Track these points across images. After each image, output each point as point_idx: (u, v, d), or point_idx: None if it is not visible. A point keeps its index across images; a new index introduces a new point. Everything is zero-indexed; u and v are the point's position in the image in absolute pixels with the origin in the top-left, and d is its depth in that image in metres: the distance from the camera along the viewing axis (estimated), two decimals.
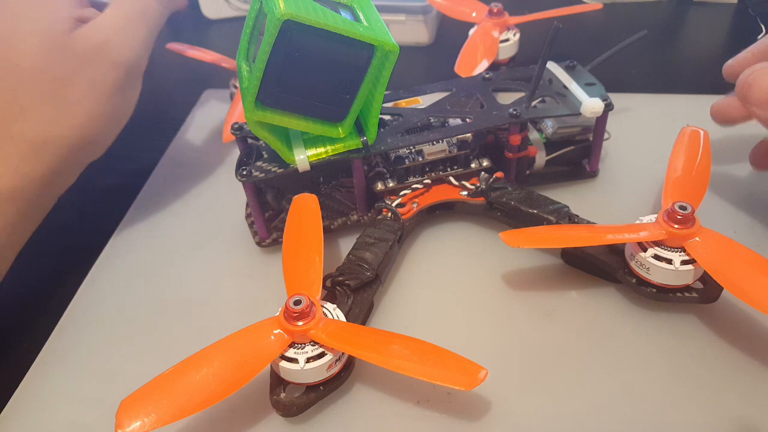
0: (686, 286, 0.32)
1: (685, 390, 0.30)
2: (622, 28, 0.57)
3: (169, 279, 0.38)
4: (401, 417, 0.30)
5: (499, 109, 0.37)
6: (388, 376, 0.30)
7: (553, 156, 0.40)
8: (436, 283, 0.36)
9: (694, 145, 0.36)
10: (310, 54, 0.30)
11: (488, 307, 0.34)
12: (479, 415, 0.30)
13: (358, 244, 0.35)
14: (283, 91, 0.31)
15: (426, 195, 0.38)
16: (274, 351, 0.28)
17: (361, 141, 0.34)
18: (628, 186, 0.41)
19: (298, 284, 0.30)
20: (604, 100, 0.37)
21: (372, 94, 0.33)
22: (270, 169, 0.35)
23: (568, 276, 0.36)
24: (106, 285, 0.38)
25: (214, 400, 0.27)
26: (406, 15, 0.56)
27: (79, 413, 0.31)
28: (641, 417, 0.29)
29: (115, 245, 0.40)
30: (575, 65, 0.40)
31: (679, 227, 0.31)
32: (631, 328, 0.33)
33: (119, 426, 0.26)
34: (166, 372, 0.28)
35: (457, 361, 0.28)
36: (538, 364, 0.32)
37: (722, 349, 0.32)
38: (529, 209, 0.36)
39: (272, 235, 0.38)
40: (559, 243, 0.35)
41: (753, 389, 0.30)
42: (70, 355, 0.34)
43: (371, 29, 0.31)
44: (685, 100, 0.48)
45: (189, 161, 0.46)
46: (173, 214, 0.42)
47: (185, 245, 0.40)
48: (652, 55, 0.54)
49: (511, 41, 0.49)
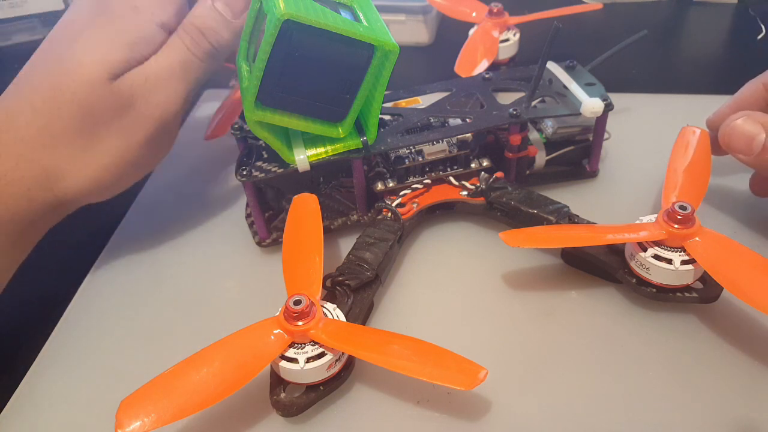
0: (686, 286, 0.32)
1: (685, 390, 0.30)
2: (622, 28, 0.57)
3: (169, 279, 0.38)
4: (401, 417, 0.30)
5: (499, 109, 0.37)
6: (388, 376, 0.30)
7: (553, 156, 0.40)
8: (436, 283, 0.36)
9: (694, 145, 0.36)
10: (310, 54, 0.30)
11: (488, 307, 0.34)
12: (479, 415, 0.30)
13: (358, 244, 0.35)
14: (283, 91, 0.31)
15: (426, 195, 0.38)
16: (274, 351, 0.28)
17: (361, 141, 0.34)
18: (628, 186, 0.41)
19: (298, 284, 0.30)
20: (604, 100, 0.37)
21: (372, 94, 0.33)
22: (270, 169, 0.35)
23: (568, 276, 0.36)
24: (105, 285, 0.38)
25: (214, 400, 0.27)
26: (406, 15, 0.56)
27: (79, 413, 0.31)
28: (641, 417, 0.29)
29: (115, 245, 0.40)
30: (575, 65, 0.40)
31: (679, 227, 0.31)
32: (631, 328, 0.33)
33: (119, 426, 0.26)
34: (166, 372, 0.28)
35: (457, 361, 0.28)
36: (538, 364, 0.32)
37: (722, 349, 0.32)
38: (529, 209, 0.36)
39: (272, 235, 0.38)
40: (559, 243, 0.35)
41: (753, 389, 0.30)
42: (70, 355, 0.34)
43: (371, 29, 0.31)
44: (685, 100, 0.48)
45: (189, 161, 0.46)
46: (173, 214, 0.42)
47: (185, 245, 0.40)
48: (652, 55, 0.54)
49: (511, 41, 0.49)
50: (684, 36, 0.59)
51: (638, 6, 0.62)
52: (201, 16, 0.34)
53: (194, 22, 0.34)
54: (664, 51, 0.56)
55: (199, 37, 0.34)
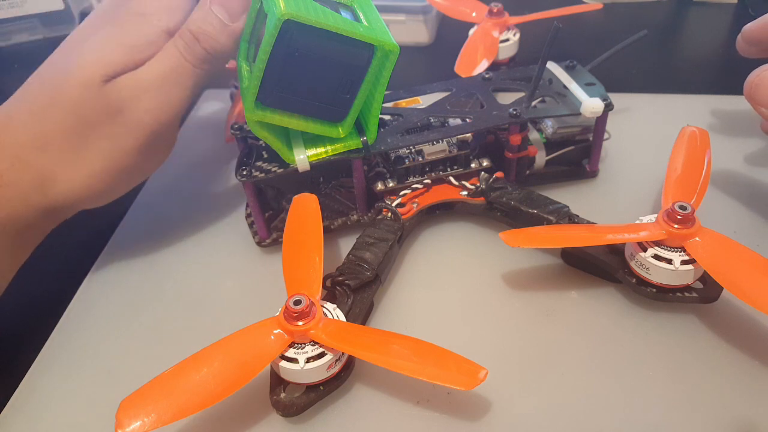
0: (686, 286, 0.32)
1: (685, 390, 0.30)
2: (622, 28, 0.57)
3: (169, 279, 0.38)
4: (401, 417, 0.30)
5: (499, 109, 0.37)
6: (388, 376, 0.30)
7: (553, 156, 0.40)
8: (436, 283, 0.36)
9: (694, 145, 0.36)
10: (310, 54, 0.30)
11: (488, 307, 0.34)
12: (479, 415, 0.30)
13: (358, 244, 0.35)
14: (283, 91, 0.31)
15: (426, 195, 0.38)
16: (274, 351, 0.28)
17: (361, 141, 0.34)
18: (628, 186, 0.41)
19: (298, 284, 0.30)
20: (604, 100, 0.37)
21: (372, 94, 0.33)
22: (270, 169, 0.35)
23: (568, 276, 0.36)
24: (105, 285, 0.38)
25: (214, 400, 0.27)
26: (406, 15, 0.56)
27: (79, 413, 0.31)
28: (641, 417, 0.29)
29: (115, 245, 0.40)
30: (575, 65, 0.40)
31: (679, 227, 0.31)
32: (631, 328, 0.33)
33: (119, 426, 0.26)
34: (166, 372, 0.28)
35: (457, 361, 0.28)
36: (538, 364, 0.32)
37: (722, 349, 0.32)
38: (529, 209, 0.36)
39: (272, 235, 0.38)
40: (559, 243, 0.35)
41: (753, 389, 0.30)
42: (70, 355, 0.34)
43: (371, 29, 0.31)
44: (685, 100, 0.48)
45: (189, 161, 0.46)
46: (173, 214, 0.42)
47: (185, 245, 0.40)
48: (652, 55, 0.54)
49: (511, 41, 0.49)
50: (684, 36, 0.59)
51: (638, 6, 0.62)
52: (197, 21, 0.33)
53: (190, 27, 0.33)
54: (664, 51, 0.56)
55: (193, 42, 0.33)
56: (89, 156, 0.33)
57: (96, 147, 0.33)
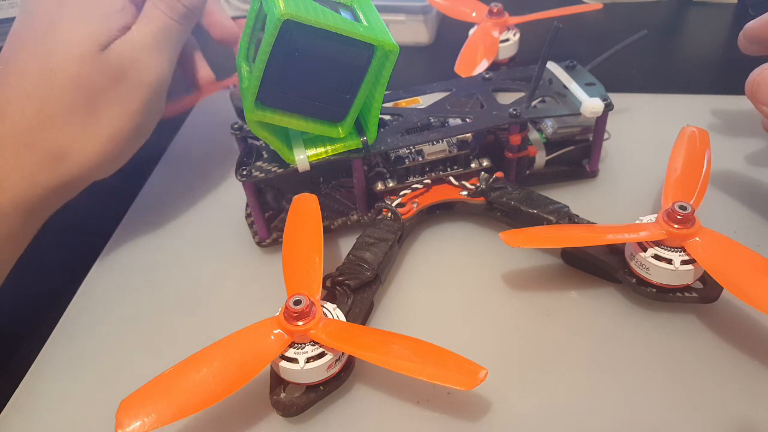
0: (686, 286, 0.32)
1: (685, 390, 0.30)
2: (622, 28, 0.57)
3: (169, 279, 0.38)
4: (401, 417, 0.30)
5: (499, 109, 0.37)
6: (388, 376, 0.30)
7: (553, 156, 0.40)
8: (436, 283, 0.36)
9: (694, 145, 0.36)
10: (310, 54, 0.30)
11: (488, 307, 0.34)
12: (479, 415, 0.30)
13: (358, 244, 0.35)
14: (283, 91, 0.31)
15: (426, 195, 0.38)
16: (274, 351, 0.28)
17: (361, 141, 0.34)
18: (628, 186, 0.41)
19: (298, 284, 0.30)
20: (604, 100, 0.37)
21: (372, 94, 0.33)
22: (270, 169, 0.35)
23: (568, 276, 0.36)
24: (106, 285, 0.38)
25: (214, 400, 0.27)
26: (406, 15, 0.56)
27: (79, 413, 0.31)
28: (641, 417, 0.29)
29: (115, 245, 0.40)
30: (575, 65, 0.40)
31: (679, 227, 0.31)
32: (631, 328, 0.33)
33: (119, 426, 0.26)
34: (166, 372, 0.28)
35: (457, 361, 0.28)
36: (538, 364, 0.32)
37: (722, 349, 0.32)
38: (529, 209, 0.36)
39: (272, 235, 0.38)
40: (559, 243, 0.35)
41: (753, 389, 0.30)
42: (70, 355, 0.34)
43: (371, 29, 0.31)
44: (685, 100, 0.48)
45: (189, 161, 0.46)
46: (173, 214, 0.42)
47: (185, 245, 0.40)
48: (652, 55, 0.54)
49: (511, 41, 0.49)
50: (684, 36, 0.59)
51: (638, 6, 0.62)
52: None
53: None
54: (664, 51, 0.56)
55: (174, 2, 0.35)
56: (100, 123, 0.34)
57: (106, 113, 0.34)
